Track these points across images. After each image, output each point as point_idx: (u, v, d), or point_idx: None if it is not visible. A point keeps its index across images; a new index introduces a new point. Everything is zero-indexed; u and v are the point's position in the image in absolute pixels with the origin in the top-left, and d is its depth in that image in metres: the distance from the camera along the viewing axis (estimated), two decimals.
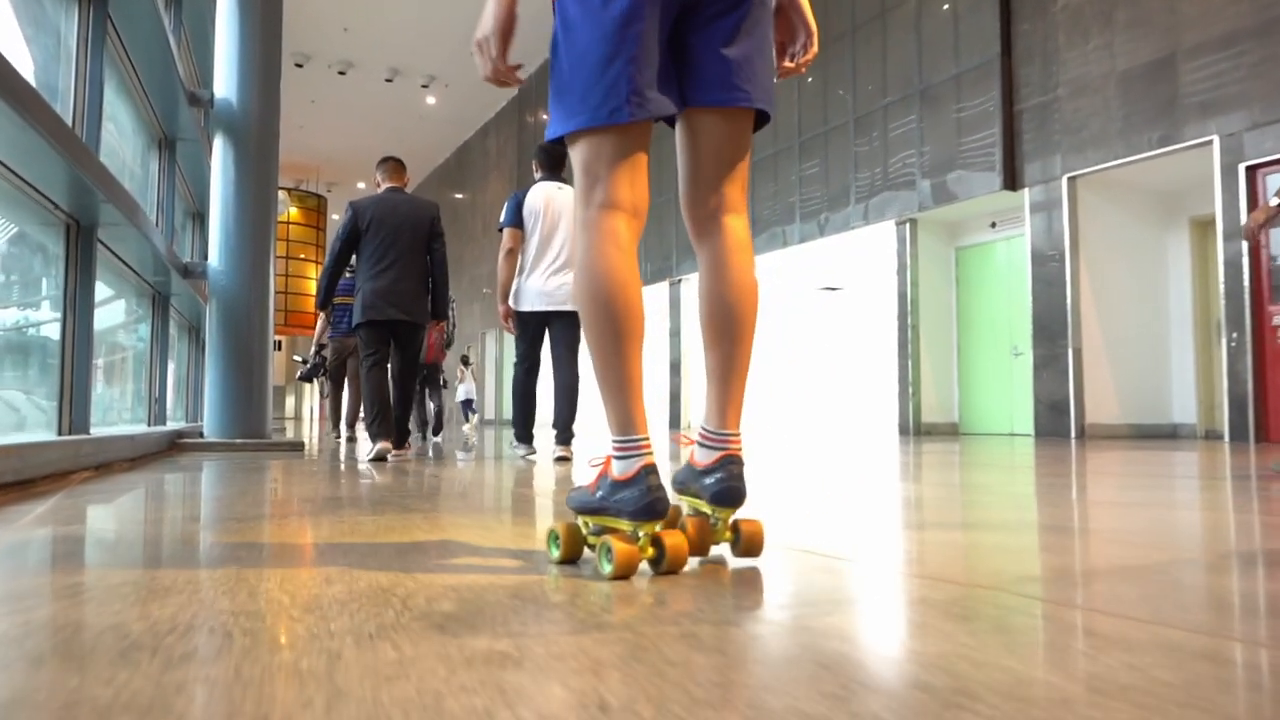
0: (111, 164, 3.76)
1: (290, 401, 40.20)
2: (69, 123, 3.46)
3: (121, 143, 4.95)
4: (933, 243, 10.06)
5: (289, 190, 25.17)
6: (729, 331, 1.34)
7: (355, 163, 26.01)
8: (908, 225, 9.85)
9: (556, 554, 1.29)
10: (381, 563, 1.30)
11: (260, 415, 5.20)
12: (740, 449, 1.33)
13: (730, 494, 1.29)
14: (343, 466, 3.82)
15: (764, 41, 1.36)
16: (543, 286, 4.28)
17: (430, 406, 8.96)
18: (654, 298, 15.06)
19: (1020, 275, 9.31)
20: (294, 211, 25.76)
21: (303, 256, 27.18)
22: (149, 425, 5.58)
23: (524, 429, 4.44)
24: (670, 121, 1.39)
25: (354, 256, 4.56)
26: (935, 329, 10.05)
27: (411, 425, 8.06)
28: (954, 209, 9.46)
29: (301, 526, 1.74)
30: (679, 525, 1.32)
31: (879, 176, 10.07)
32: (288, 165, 25.59)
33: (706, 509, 1.33)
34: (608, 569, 1.17)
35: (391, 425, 4.41)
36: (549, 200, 4.35)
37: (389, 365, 4.54)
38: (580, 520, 1.31)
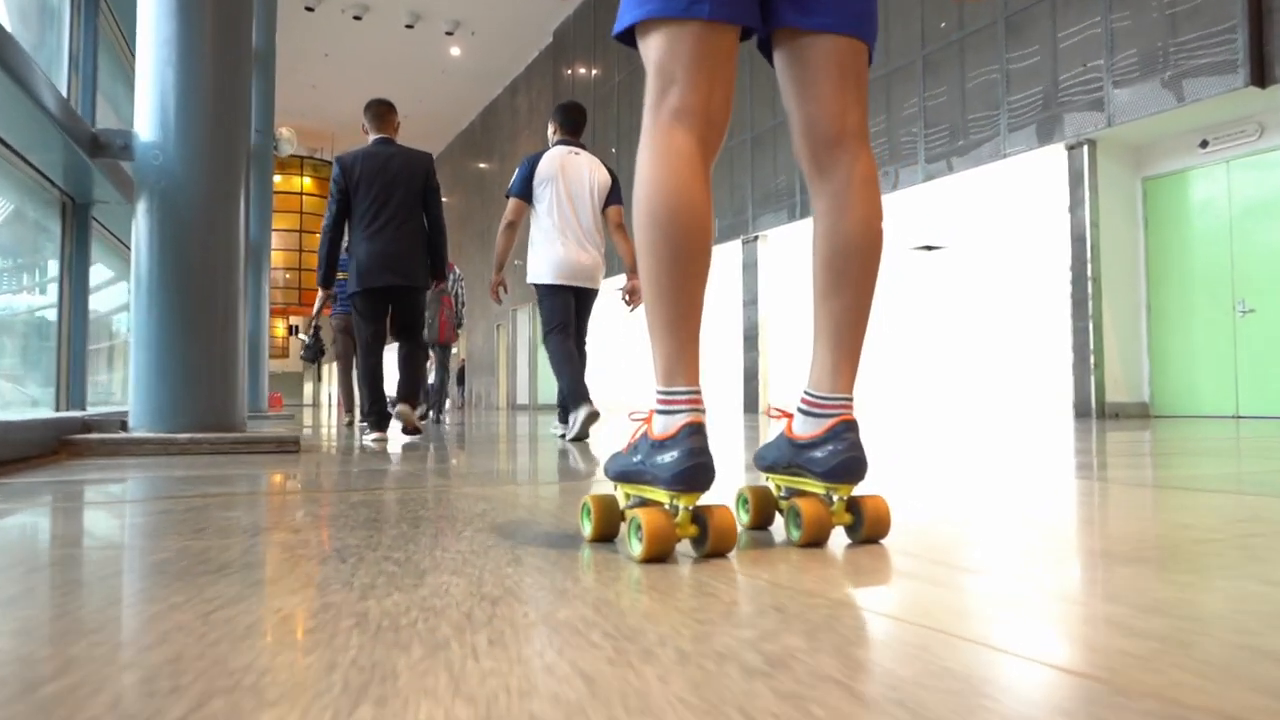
0: None
1: (309, 387, 38.29)
2: None
3: None
4: (1115, 171, 7.79)
5: (302, 159, 23.03)
6: (851, 276, 1.13)
7: None
8: (1085, 149, 7.59)
9: (589, 530, 1.10)
10: None
11: (226, 392, 3.06)
12: (854, 414, 1.10)
13: (851, 466, 1.08)
14: (370, 511, 1.69)
15: None
16: (576, 260, 4.02)
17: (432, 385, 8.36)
18: (725, 259, 12.83)
19: (1257, 207, 7.04)
20: (308, 182, 23.64)
21: (317, 231, 25.13)
22: (58, 409, 3.48)
23: (575, 397, 3.89)
24: (764, 51, 1.21)
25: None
26: (1118, 283, 7.80)
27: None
28: (1141, 129, 7.20)
29: None
30: (786, 510, 1.10)
31: (1050, 89, 7.80)
32: (301, 131, 23.54)
33: (816, 488, 1.11)
34: (637, 549, 0.98)
35: (387, 417, 4.15)
36: (564, 165, 4.06)
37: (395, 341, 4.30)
38: (619, 491, 1.12)
